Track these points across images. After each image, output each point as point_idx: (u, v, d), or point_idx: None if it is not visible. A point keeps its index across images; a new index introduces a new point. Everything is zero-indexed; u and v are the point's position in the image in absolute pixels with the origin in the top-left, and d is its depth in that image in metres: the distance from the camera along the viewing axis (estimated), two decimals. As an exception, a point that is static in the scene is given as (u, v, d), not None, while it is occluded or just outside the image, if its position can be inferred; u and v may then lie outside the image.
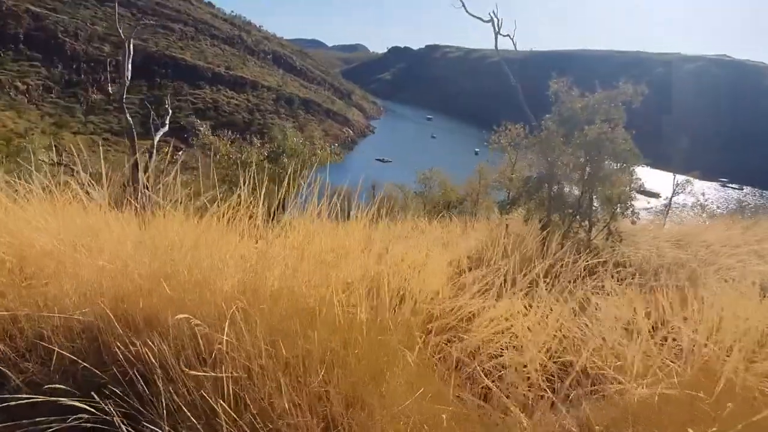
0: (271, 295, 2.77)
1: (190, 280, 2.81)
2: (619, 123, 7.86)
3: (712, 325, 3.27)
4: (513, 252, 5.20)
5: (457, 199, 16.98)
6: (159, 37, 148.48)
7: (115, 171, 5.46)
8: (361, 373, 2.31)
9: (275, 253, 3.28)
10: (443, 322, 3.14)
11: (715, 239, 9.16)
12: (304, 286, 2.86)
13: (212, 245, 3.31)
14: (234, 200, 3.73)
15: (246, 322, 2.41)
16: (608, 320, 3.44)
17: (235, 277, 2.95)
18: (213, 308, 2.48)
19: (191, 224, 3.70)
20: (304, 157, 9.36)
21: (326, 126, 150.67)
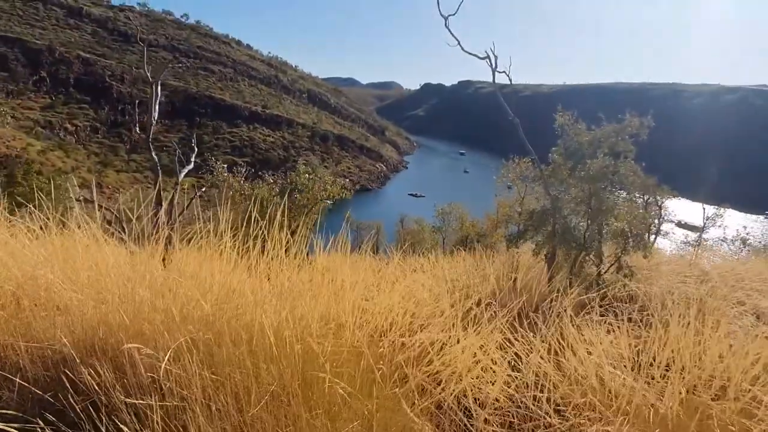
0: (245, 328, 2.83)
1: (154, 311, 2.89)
2: (629, 155, 7.75)
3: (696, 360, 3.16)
4: (509, 286, 5.14)
5: (477, 234, 16.86)
6: (200, 79, 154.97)
7: (145, 208, 5.70)
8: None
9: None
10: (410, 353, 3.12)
11: (746, 274, 8.79)
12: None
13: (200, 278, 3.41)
14: (242, 236, 3.88)
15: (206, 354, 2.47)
16: (596, 356, 3.36)
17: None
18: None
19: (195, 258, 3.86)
20: (314, 192, 9.54)
21: (360, 162, 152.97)
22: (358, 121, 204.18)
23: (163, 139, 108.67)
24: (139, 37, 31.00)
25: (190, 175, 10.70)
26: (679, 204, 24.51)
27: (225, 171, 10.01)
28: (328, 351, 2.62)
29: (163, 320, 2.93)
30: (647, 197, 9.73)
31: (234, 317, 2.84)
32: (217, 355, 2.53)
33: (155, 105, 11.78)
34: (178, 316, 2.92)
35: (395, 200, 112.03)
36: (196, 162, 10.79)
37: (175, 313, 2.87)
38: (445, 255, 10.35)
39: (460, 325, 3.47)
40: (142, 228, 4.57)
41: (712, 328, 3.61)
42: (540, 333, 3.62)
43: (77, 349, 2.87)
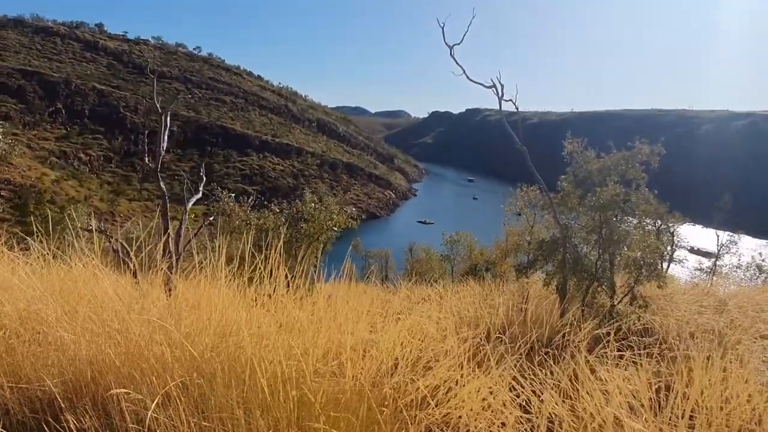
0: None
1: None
2: (641, 183, 7.60)
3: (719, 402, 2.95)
4: (519, 319, 4.95)
5: (486, 262, 16.63)
6: (211, 109, 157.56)
7: (150, 237, 5.64)
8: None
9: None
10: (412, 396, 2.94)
11: (766, 305, 8.51)
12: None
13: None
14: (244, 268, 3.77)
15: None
16: (611, 395, 3.16)
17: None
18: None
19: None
20: (320, 222, 9.45)
21: (369, 189, 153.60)
22: (367, 149, 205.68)
23: (175, 168, 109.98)
24: (150, 69, 31.70)
25: (200, 203, 10.67)
26: (693, 230, 24.21)
27: (231, 200, 9.97)
28: (324, 397, 2.45)
29: (158, 359, 2.79)
30: (660, 224, 9.52)
31: (228, 358, 2.69)
32: (209, 401, 2.37)
33: (164, 135, 11.81)
34: (171, 356, 2.78)
35: (404, 227, 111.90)
36: (205, 191, 10.76)
37: (168, 354, 2.73)
38: (453, 284, 10.16)
39: (468, 365, 3.30)
40: (146, 258, 4.49)
41: (737, 365, 3.41)
42: (553, 372, 3.43)
43: (68, 390, 2.75)
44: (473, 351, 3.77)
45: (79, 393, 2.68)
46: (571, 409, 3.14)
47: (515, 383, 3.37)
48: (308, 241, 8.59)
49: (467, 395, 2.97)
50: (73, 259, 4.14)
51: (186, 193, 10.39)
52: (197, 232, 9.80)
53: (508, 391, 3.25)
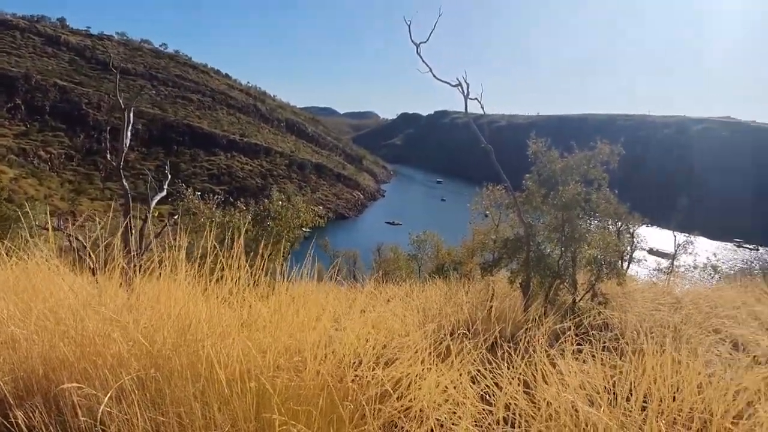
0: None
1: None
2: (602, 183, 7.80)
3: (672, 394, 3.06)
4: (483, 315, 5.02)
5: (453, 262, 16.78)
6: (178, 107, 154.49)
7: (113, 236, 5.49)
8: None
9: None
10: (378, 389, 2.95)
11: (719, 301, 8.83)
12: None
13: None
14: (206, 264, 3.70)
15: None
16: (570, 390, 3.23)
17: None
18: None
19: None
20: (287, 220, 9.38)
21: (337, 190, 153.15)
22: (336, 149, 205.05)
23: (140, 167, 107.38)
24: (112, 64, 30.94)
25: (166, 203, 10.45)
26: (651, 232, 24.94)
27: (196, 198, 9.80)
28: (284, 389, 2.43)
29: (115, 355, 2.73)
30: (619, 225, 9.78)
31: (186, 353, 2.64)
32: (165, 395, 2.33)
33: (127, 131, 11.56)
34: (128, 352, 2.72)
35: (372, 228, 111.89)
36: (172, 190, 10.56)
37: (124, 350, 2.67)
38: (420, 283, 10.22)
39: (431, 358, 3.33)
40: (106, 256, 4.37)
41: (690, 357, 3.53)
42: (513, 364, 3.49)
43: (18, 389, 2.66)
44: (437, 346, 3.80)
45: (31, 390, 2.60)
46: (530, 399, 3.20)
47: (478, 376, 3.41)
48: (275, 239, 8.51)
49: (429, 388, 3.00)
50: (30, 256, 4.02)
51: (150, 192, 10.19)
52: (160, 232, 9.60)
53: (471, 383, 3.29)
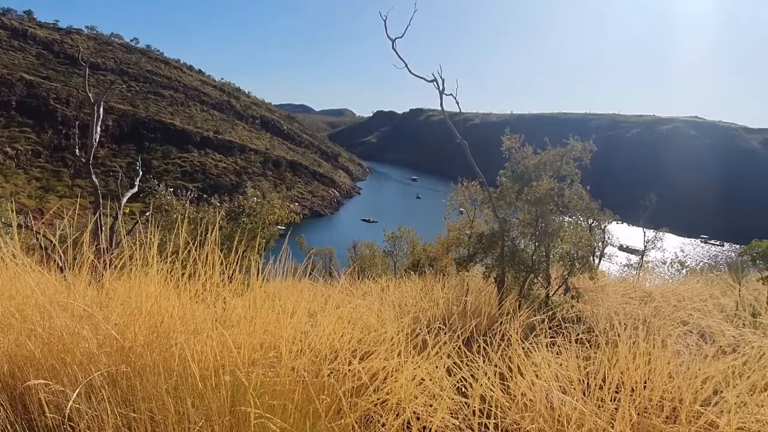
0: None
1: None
2: (575, 179, 7.93)
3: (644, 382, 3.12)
4: (458, 309, 5.05)
5: (428, 258, 16.86)
6: (149, 103, 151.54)
7: (82, 233, 5.35)
8: None
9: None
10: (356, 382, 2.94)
11: (686, 294, 9.06)
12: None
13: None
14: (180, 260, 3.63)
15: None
16: (544, 380, 3.27)
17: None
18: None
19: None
20: (262, 216, 9.28)
21: (313, 187, 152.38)
22: (311, 147, 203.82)
23: (110, 163, 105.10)
24: (81, 58, 30.07)
25: (137, 200, 10.25)
26: (621, 228, 25.48)
27: (169, 194, 9.63)
28: (259, 383, 2.40)
29: (84, 352, 2.66)
30: (591, 221, 9.95)
31: (159, 348, 2.59)
32: (137, 391, 2.28)
33: (97, 126, 11.30)
34: (99, 349, 2.65)
35: (348, 225, 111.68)
36: (144, 186, 10.34)
37: (94, 346, 2.60)
38: (396, 279, 10.23)
39: (407, 351, 3.33)
40: (75, 254, 4.26)
41: (660, 348, 3.61)
42: (488, 357, 3.52)
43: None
44: (413, 338, 3.81)
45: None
46: (505, 390, 3.23)
47: (454, 368, 3.43)
48: (249, 236, 8.41)
49: (405, 380, 3.00)
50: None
51: (121, 189, 9.97)
52: (132, 229, 9.40)
53: (447, 376, 3.31)
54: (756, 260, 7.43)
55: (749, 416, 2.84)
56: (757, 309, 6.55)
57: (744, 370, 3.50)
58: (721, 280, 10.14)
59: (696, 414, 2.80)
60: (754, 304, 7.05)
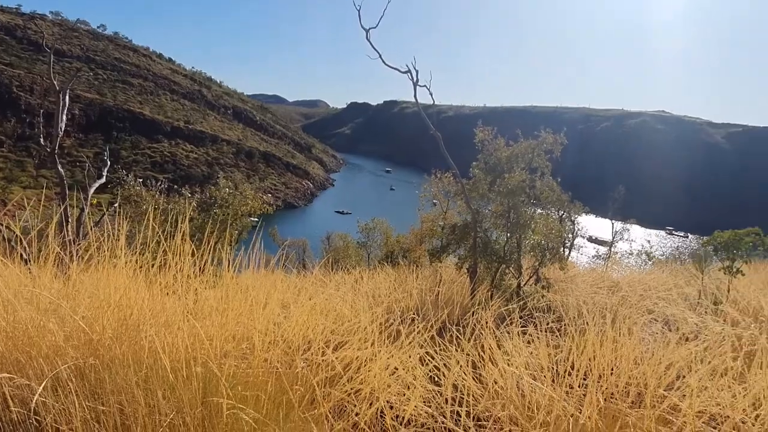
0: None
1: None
2: (546, 171, 8.05)
3: (611, 368, 3.20)
4: (431, 300, 5.09)
5: (402, 249, 16.94)
6: (117, 92, 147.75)
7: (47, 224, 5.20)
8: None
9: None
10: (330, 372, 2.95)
11: (652, 284, 9.31)
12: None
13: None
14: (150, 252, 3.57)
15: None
16: (515, 367, 3.33)
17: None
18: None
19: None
20: (235, 207, 9.18)
21: (286, 179, 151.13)
22: (285, 138, 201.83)
23: (77, 153, 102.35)
24: (45, 44, 29.06)
25: (105, 191, 10.02)
26: (590, 220, 26.02)
27: (138, 184, 9.43)
28: (231, 375, 2.39)
29: (51, 345, 2.60)
30: (562, 213, 10.12)
31: (128, 340, 2.55)
32: (106, 384, 2.24)
33: (62, 115, 11.00)
34: (66, 342, 2.59)
35: (322, 217, 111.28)
36: (112, 177, 10.11)
37: (61, 339, 2.55)
38: (369, 270, 10.25)
39: (380, 341, 3.35)
40: (40, 246, 4.14)
41: (626, 335, 3.71)
42: (461, 346, 3.56)
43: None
44: (386, 328, 3.84)
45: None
46: (477, 378, 3.28)
47: (426, 357, 3.47)
48: (221, 227, 8.31)
49: (379, 369, 3.02)
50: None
51: (88, 179, 9.72)
52: (99, 220, 9.18)
53: (420, 365, 3.34)
54: (718, 250, 7.66)
55: (710, 400, 2.95)
56: (719, 297, 6.77)
57: (705, 355, 3.63)
58: (685, 270, 10.45)
59: (660, 398, 2.90)
60: (716, 292, 7.29)
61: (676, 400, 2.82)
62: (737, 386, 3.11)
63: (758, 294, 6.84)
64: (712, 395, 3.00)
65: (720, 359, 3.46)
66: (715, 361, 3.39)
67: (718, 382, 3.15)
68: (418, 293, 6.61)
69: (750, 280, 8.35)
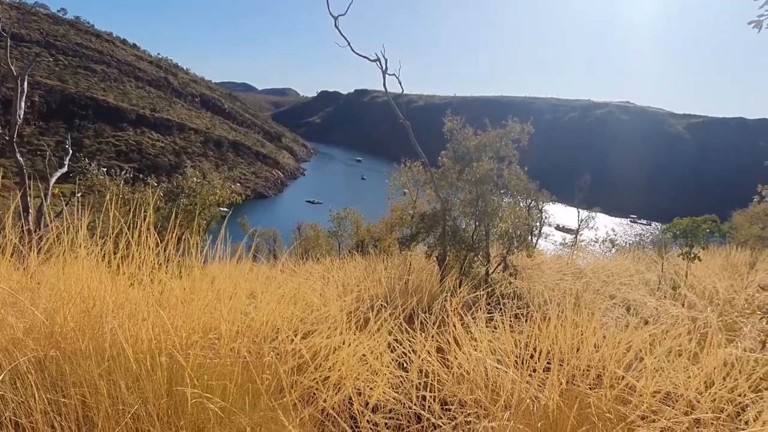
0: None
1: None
2: (513, 161, 8.17)
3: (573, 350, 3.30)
4: (400, 287, 5.13)
5: (372, 238, 17.00)
6: (80, 78, 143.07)
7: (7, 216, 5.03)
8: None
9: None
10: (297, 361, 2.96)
11: (615, 270, 9.57)
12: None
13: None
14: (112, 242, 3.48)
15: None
16: (480, 352, 3.40)
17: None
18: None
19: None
20: (202, 196, 9.05)
21: (256, 168, 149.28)
22: (254, 127, 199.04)
23: (37, 142, 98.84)
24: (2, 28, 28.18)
25: (68, 181, 9.73)
26: (557, 208, 26.56)
27: (101, 173, 9.19)
28: (197, 365, 2.38)
29: (9, 338, 2.54)
30: (529, 201, 10.31)
31: (90, 330, 2.51)
32: (67, 376, 2.21)
33: (21, 102, 10.62)
34: (25, 334, 2.54)
35: (292, 207, 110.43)
36: (75, 166, 9.81)
37: (20, 332, 2.49)
38: (339, 259, 10.27)
39: (349, 328, 3.38)
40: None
41: (588, 320, 3.82)
42: (428, 332, 3.62)
43: None
44: (355, 316, 3.86)
45: None
46: (444, 363, 3.34)
47: (395, 344, 3.51)
48: (189, 217, 8.19)
49: (347, 357, 3.05)
50: None
51: (49, 168, 9.44)
52: (61, 211, 8.94)
53: (388, 351, 3.38)
54: (677, 237, 7.91)
55: (665, 379, 3.07)
56: (677, 282, 7.01)
57: (663, 338, 3.77)
58: (647, 257, 10.77)
59: (618, 379, 3.00)
60: (675, 277, 7.54)
61: (633, 380, 2.92)
62: (692, 366, 3.25)
63: (714, 278, 7.10)
64: (667, 375, 3.12)
65: (676, 341, 3.60)
66: (672, 343, 3.53)
67: (674, 363, 3.28)
68: (387, 281, 6.66)
69: (707, 265, 8.67)
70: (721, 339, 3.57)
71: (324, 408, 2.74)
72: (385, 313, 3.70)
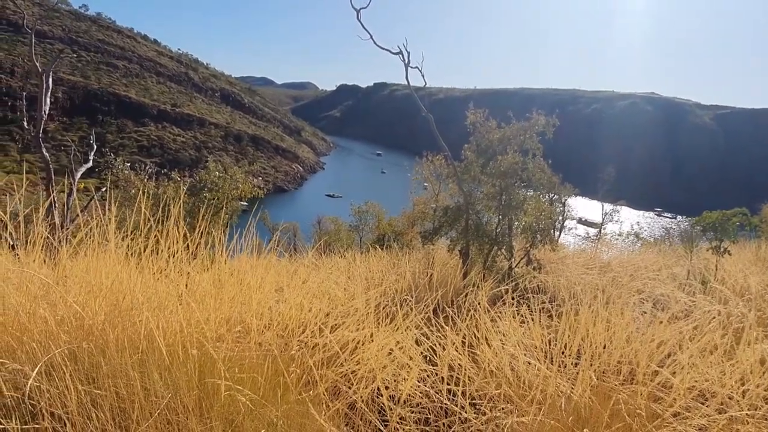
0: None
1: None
2: (537, 153, 8.06)
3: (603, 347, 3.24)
4: (425, 282, 5.11)
5: (394, 232, 16.96)
6: (102, 74, 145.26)
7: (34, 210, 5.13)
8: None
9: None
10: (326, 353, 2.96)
11: (641, 264, 9.41)
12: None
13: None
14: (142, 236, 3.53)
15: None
16: (509, 346, 3.37)
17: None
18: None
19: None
20: (225, 191, 9.12)
21: (276, 162, 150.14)
22: (274, 121, 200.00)
23: (61, 137, 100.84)
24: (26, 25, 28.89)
25: (93, 175, 9.90)
26: (580, 202, 26.21)
27: (127, 169, 9.33)
28: (226, 358, 2.39)
29: (42, 330, 2.58)
30: (552, 195, 10.18)
31: (121, 323, 2.54)
32: (101, 368, 2.23)
33: (46, 98, 10.82)
34: (58, 327, 2.58)
35: (312, 201, 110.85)
36: (99, 161, 9.97)
37: (53, 324, 2.53)
38: (362, 254, 10.28)
39: (375, 322, 3.37)
40: (27, 232, 4.09)
41: (618, 315, 3.75)
42: (455, 326, 3.59)
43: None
44: (381, 311, 3.85)
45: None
46: (472, 357, 3.31)
47: (422, 338, 3.49)
48: (212, 211, 8.27)
49: (375, 350, 3.04)
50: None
51: (74, 164, 9.59)
52: (87, 204, 9.09)
53: (415, 345, 3.37)
54: (706, 231, 7.75)
55: (699, 376, 3.00)
56: (707, 277, 6.86)
57: (695, 334, 3.69)
58: (674, 251, 10.57)
59: (651, 375, 2.94)
60: (704, 272, 7.38)
61: (668, 375, 2.86)
62: (726, 363, 3.17)
63: (745, 273, 6.94)
64: (701, 372, 3.05)
65: (709, 337, 3.52)
66: (705, 339, 3.45)
67: (708, 359, 3.21)
68: (411, 275, 6.64)
69: (737, 259, 8.47)
70: (758, 335, 3.47)
71: (353, 402, 2.73)
72: (409, 307, 3.68)
